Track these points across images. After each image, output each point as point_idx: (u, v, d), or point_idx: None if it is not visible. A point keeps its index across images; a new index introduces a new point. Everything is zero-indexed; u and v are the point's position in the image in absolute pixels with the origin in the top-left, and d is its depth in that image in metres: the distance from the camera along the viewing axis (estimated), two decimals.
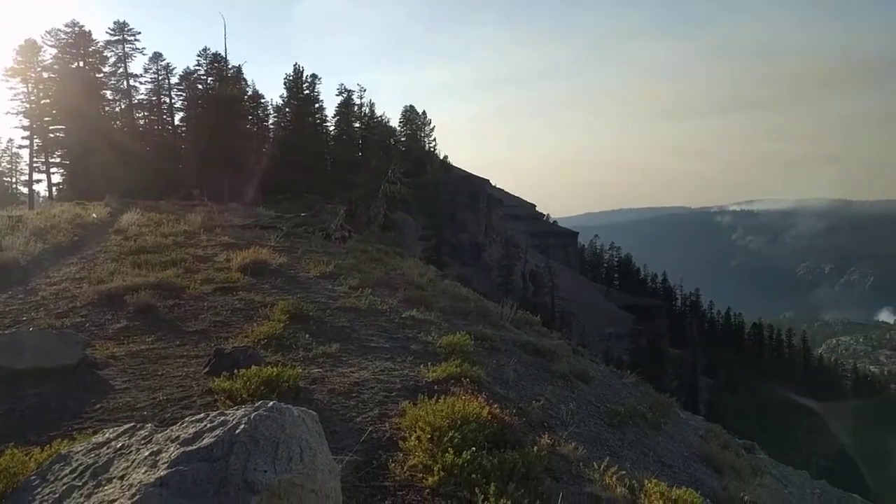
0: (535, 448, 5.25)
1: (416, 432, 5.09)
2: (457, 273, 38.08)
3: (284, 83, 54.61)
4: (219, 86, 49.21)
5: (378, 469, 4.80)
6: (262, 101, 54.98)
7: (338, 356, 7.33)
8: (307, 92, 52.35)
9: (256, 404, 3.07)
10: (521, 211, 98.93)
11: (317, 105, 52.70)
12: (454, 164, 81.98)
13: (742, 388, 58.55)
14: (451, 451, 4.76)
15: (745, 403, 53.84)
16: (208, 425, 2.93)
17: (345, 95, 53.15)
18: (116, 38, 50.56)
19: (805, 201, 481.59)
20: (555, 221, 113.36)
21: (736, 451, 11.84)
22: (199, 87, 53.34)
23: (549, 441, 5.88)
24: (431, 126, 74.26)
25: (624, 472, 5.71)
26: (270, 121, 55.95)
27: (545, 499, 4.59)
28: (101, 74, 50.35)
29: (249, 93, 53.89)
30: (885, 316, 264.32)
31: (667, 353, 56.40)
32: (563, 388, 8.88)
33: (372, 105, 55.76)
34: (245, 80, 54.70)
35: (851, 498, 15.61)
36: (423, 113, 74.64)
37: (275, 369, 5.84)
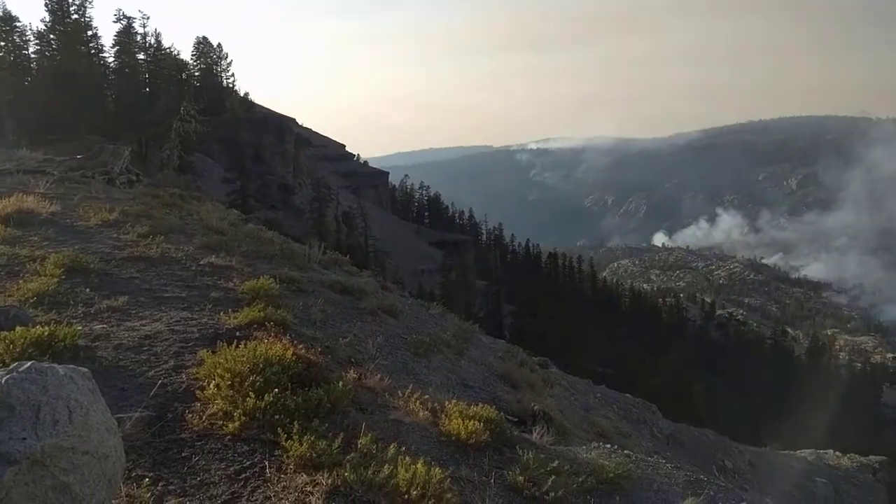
0: (341, 383, 5.34)
1: (214, 380, 4.92)
2: (265, 217, 36.64)
3: (46, 5, 46.97)
4: None
5: (174, 422, 4.58)
6: (17, 24, 47.02)
7: (126, 309, 6.76)
8: (76, 16, 45.63)
9: (10, 367, 2.73)
10: (331, 151, 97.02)
11: (90, 33, 46.22)
12: (256, 101, 77.65)
13: (540, 312, 64.37)
14: (253, 396, 4.67)
15: (543, 325, 59.40)
16: None
17: (124, 23, 47.15)
18: None
19: (593, 139, 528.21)
20: (365, 162, 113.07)
21: (531, 367, 13.09)
22: None
23: (355, 375, 6.00)
24: (229, 60, 69.04)
25: (427, 396, 6.03)
26: (32, 49, 48.17)
27: (350, 430, 4.71)
28: None
29: None
30: (658, 240, 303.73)
31: (474, 285, 59.94)
32: (372, 324, 9.09)
33: (158, 35, 50.10)
34: None
35: (624, 396, 18.16)
36: (219, 46, 69.07)
37: (46, 328, 5.22)
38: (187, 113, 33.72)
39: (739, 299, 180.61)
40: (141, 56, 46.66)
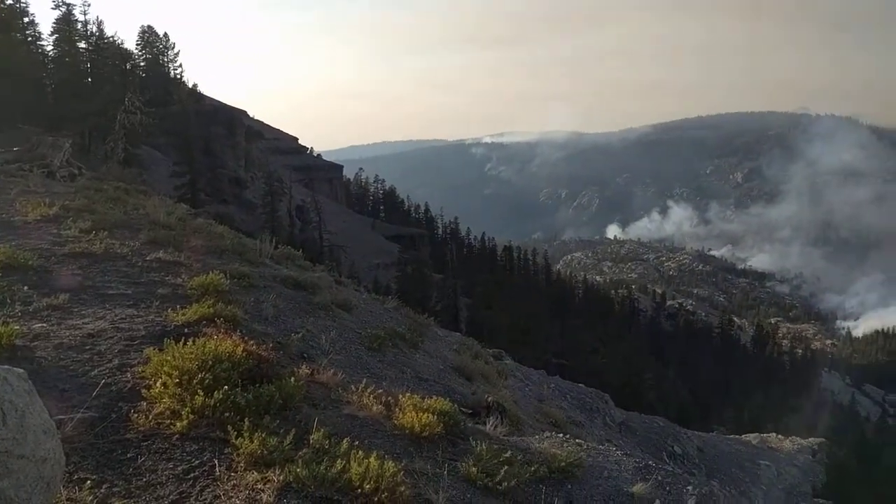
0: (293, 379, 5.29)
1: (161, 378, 4.80)
2: (215, 211, 35.80)
3: None
4: None
5: (118, 422, 4.46)
6: None
7: (68, 307, 6.54)
8: (10, 2, 43.58)
9: None
10: (283, 144, 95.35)
11: (26, 19, 44.23)
12: (206, 93, 75.73)
13: (495, 304, 64.87)
14: (202, 393, 4.59)
15: (498, 317, 59.90)
16: None
17: (63, 9, 45.28)
18: None
19: (547, 133, 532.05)
20: (319, 155, 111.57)
21: (486, 359, 13.19)
22: None
23: (307, 371, 5.95)
24: (176, 51, 67.06)
25: (381, 390, 6.02)
26: None
27: (302, 426, 4.67)
28: None
29: None
30: (611, 232, 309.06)
31: (430, 278, 59.83)
32: (325, 319, 9.00)
33: (100, 23, 48.25)
34: None
35: (577, 386, 18.50)
36: (165, 35, 66.98)
37: None
38: (132, 104, 32.51)
39: (689, 290, 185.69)
40: (82, 45, 44.85)
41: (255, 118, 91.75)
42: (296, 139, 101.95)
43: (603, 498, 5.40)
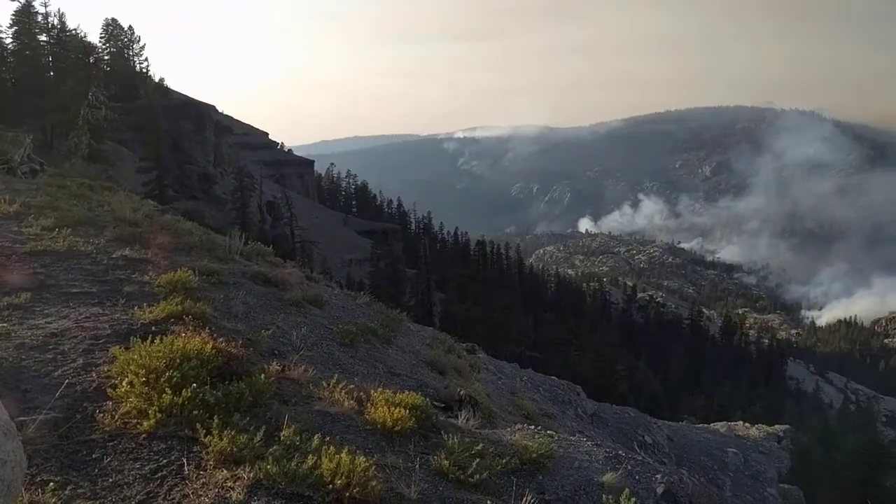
0: (263, 376, 5.24)
1: (128, 377, 4.73)
2: (184, 208, 35.27)
3: None
4: None
5: (83, 423, 4.38)
6: None
7: (29, 307, 6.38)
8: None
9: None
10: (254, 139, 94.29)
11: None
12: (173, 88, 74.38)
13: (469, 299, 65.00)
14: (170, 392, 4.52)
15: (472, 312, 60.02)
16: None
17: (22, 1, 44.08)
18: None
19: (519, 128, 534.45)
20: (289, 150, 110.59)
21: (458, 353, 13.23)
22: None
23: (278, 367, 5.90)
24: (141, 44, 65.70)
25: (353, 386, 6.00)
26: None
27: (273, 423, 4.63)
28: None
29: None
30: (583, 225, 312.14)
31: (404, 274, 59.64)
32: (296, 315, 8.93)
33: (62, 15, 47.01)
34: None
35: (549, 379, 18.68)
36: (130, 28, 65.58)
37: None
38: (96, 98, 31.77)
39: (659, 282, 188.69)
40: (43, 38, 43.74)
41: (224, 113, 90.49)
42: (266, 134, 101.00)
43: (574, 488, 5.46)
